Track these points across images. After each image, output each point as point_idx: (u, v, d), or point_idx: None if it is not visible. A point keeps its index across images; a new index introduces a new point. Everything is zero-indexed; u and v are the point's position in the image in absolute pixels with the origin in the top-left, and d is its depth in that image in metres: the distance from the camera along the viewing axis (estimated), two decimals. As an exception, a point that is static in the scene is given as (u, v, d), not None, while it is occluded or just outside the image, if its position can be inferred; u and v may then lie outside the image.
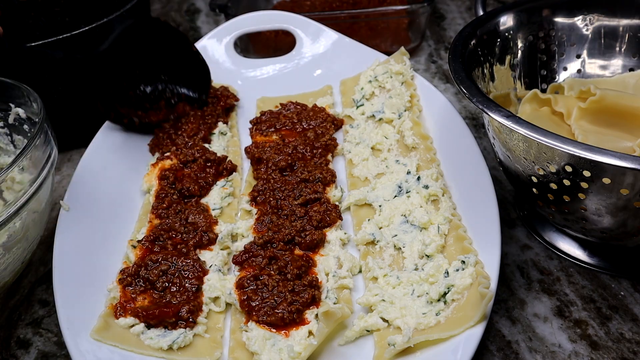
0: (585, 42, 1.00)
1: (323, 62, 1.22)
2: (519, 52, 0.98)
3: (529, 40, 0.98)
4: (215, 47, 1.24)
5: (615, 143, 0.84)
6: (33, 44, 1.03)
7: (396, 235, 0.85)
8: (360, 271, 0.83)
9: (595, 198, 0.71)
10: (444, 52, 1.41)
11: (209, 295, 0.79)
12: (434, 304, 0.74)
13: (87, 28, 1.07)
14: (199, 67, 1.14)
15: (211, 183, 0.97)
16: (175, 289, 0.79)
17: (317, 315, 0.75)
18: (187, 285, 0.80)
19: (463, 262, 0.76)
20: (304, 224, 0.87)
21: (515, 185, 0.86)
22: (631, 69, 0.99)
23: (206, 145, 1.04)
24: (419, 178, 0.91)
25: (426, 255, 0.80)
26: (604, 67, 1.00)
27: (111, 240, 0.89)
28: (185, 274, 0.81)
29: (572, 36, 1.00)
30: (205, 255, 0.85)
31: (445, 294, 0.74)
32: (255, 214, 0.92)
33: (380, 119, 1.05)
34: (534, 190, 0.78)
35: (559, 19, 0.99)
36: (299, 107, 1.12)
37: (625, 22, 0.98)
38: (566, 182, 0.72)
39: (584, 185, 0.71)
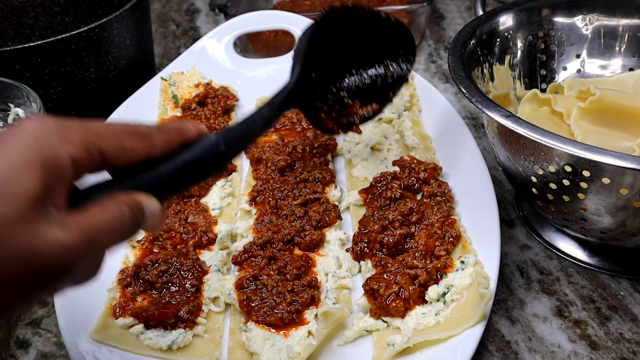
0: (584, 42, 1.00)
1: (323, 62, 1.22)
2: (519, 52, 0.98)
3: (528, 40, 0.98)
4: (215, 47, 1.24)
5: (615, 143, 0.84)
6: (33, 44, 1.03)
7: (396, 235, 0.85)
8: (359, 271, 0.83)
9: (595, 198, 0.71)
10: (443, 52, 1.41)
11: (208, 296, 0.79)
12: (433, 304, 0.74)
13: (87, 28, 1.07)
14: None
15: (211, 183, 0.97)
16: (174, 289, 0.79)
17: (316, 315, 0.75)
18: (186, 285, 0.80)
19: (462, 262, 0.76)
20: (303, 224, 0.87)
21: (514, 185, 0.86)
22: (631, 69, 0.99)
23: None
24: (418, 178, 0.91)
25: (426, 255, 0.80)
26: (603, 67, 1.00)
27: (111, 240, 0.89)
28: (185, 274, 0.81)
29: (572, 36, 1.00)
30: (204, 256, 0.85)
31: (444, 294, 0.74)
32: (255, 214, 0.92)
33: (379, 119, 1.05)
34: (534, 190, 0.78)
35: (558, 19, 0.99)
36: (298, 107, 1.12)
37: (624, 21, 0.98)
38: (566, 182, 0.72)
39: (584, 185, 0.71)
